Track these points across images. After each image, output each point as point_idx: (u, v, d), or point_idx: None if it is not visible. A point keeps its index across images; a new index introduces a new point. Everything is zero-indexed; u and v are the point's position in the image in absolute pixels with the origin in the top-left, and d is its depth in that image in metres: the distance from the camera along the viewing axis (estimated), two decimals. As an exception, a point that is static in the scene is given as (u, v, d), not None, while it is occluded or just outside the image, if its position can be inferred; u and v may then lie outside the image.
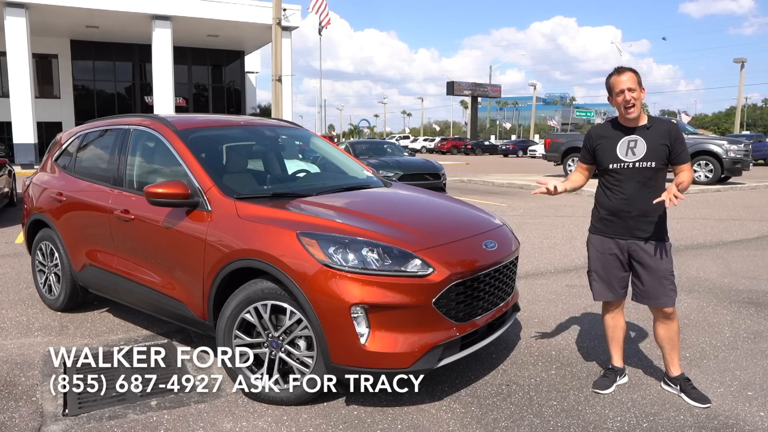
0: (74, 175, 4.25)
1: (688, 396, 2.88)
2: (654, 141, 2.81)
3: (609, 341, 3.14)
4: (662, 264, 2.85)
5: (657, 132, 2.83)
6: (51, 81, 30.03)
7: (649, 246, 2.86)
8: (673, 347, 2.96)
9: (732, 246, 7.09)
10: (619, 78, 2.80)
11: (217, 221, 3.04)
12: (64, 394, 2.97)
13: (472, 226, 3.23)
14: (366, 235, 2.75)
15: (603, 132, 2.96)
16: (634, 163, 2.82)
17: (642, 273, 2.89)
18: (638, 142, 2.82)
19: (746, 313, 4.38)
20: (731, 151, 14.56)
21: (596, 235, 3.01)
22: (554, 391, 3.03)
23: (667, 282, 2.85)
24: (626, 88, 2.77)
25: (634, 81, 2.78)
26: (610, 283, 2.98)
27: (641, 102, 2.82)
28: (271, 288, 2.78)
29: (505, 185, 15.60)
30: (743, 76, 42.88)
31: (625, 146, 2.85)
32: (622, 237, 2.91)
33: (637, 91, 2.79)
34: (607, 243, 2.96)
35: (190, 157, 3.32)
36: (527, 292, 4.91)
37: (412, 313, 2.62)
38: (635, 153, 2.82)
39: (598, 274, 3.01)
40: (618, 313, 3.09)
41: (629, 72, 2.80)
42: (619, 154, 2.85)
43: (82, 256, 4.01)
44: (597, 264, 3.00)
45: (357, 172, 4.19)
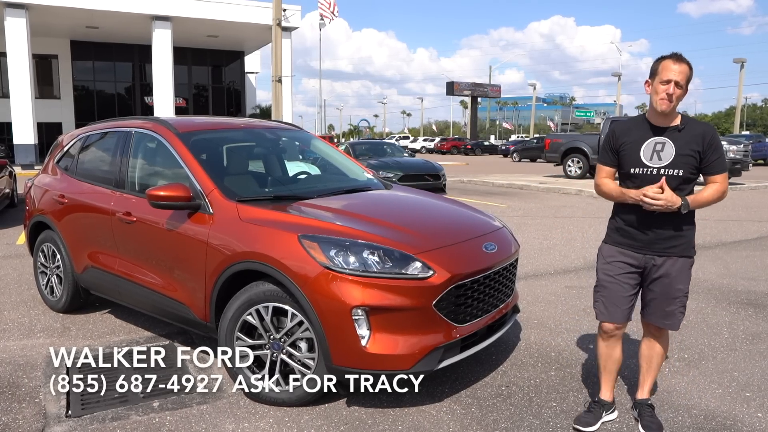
0: (76, 177, 4.27)
1: (641, 420, 2.66)
2: (684, 146, 2.43)
3: (600, 371, 2.78)
4: (677, 283, 2.53)
5: (689, 135, 2.44)
6: (51, 81, 30.04)
7: (670, 263, 2.51)
8: (649, 368, 2.72)
9: (731, 247, 7.12)
10: (673, 65, 2.36)
11: (218, 224, 3.06)
12: (67, 396, 2.99)
13: (472, 229, 3.25)
14: (367, 238, 2.77)
15: (628, 129, 2.55)
16: (658, 170, 2.44)
17: (656, 291, 2.57)
18: (666, 145, 2.44)
19: (745, 314, 4.41)
20: (730, 152, 14.59)
21: (611, 246, 2.64)
22: (554, 392, 3.05)
23: (680, 303, 2.56)
24: (675, 80, 2.35)
25: (685, 76, 2.37)
26: (616, 300, 2.59)
27: (679, 101, 2.43)
28: (273, 290, 2.80)
29: (505, 186, 15.61)
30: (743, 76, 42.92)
31: (651, 149, 2.46)
32: (641, 251, 2.55)
33: (683, 90, 2.39)
34: (620, 255, 2.59)
35: (191, 159, 3.34)
36: (527, 293, 4.93)
37: (413, 315, 2.64)
38: (661, 158, 2.44)
39: (604, 287, 2.63)
40: (615, 343, 2.69)
41: (686, 65, 2.38)
42: (643, 158, 2.47)
43: (84, 257, 4.03)
44: (604, 276, 2.63)
45: (357, 174, 4.21)
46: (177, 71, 26.71)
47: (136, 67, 31.42)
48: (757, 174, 19.10)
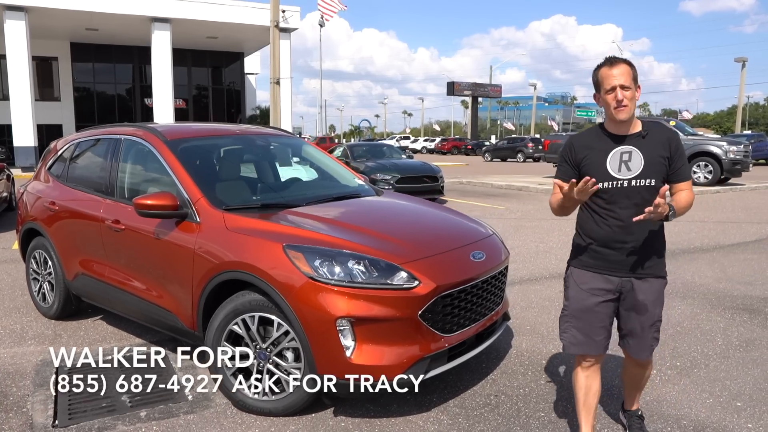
0: (67, 184, 4.27)
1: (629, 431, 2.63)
2: (652, 152, 2.26)
3: (578, 406, 2.48)
4: (656, 308, 2.37)
5: (655, 141, 2.28)
6: (51, 83, 30.09)
7: (646, 285, 2.34)
8: (635, 388, 2.61)
9: (729, 250, 7.08)
10: (610, 71, 2.21)
11: (205, 233, 3.05)
12: (55, 405, 2.99)
13: (459, 237, 3.23)
14: (352, 248, 2.76)
15: (588, 141, 2.36)
16: (629, 181, 2.26)
17: (632, 317, 2.38)
18: (633, 154, 2.26)
19: (740, 319, 4.38)
20: (731, 152, 14.53)
21: (580, 270, 2.41)
22: (542, 401, 3.03)
23: (654, 330, 2.40)
24: (618, 85, 2.19)
25: (628, 76, 2.20)
26: (590, 331, 2.36)
27: (635, 102, 2.25)
28: (259, 300, 2.79)
29: (504, 187, 15.59)
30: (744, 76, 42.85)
31: (618, 159, 2.27)
32: (615, 273, 2.34)
33: (632, 90, 2.21)
34: (596, 280, 2.36)
35: (179, 167, 3.33)
36: (521, 298, 4.91)
37: (398, 325, 2.62)
38: (630, 168, 2.26)
39: (576, 318, 2.38)
40: (594, 374, 2.45)
41: (623, 64, 2.22)
42: (611, 170, 2.27)
43: (75, 265, 4.03)
44: (577, 306, 2.39)
45: (348, 180, 4.20)
46: (177, 72, 26.73)
47: (136, 68, 31.46)
48: (757, 174, 19.02)
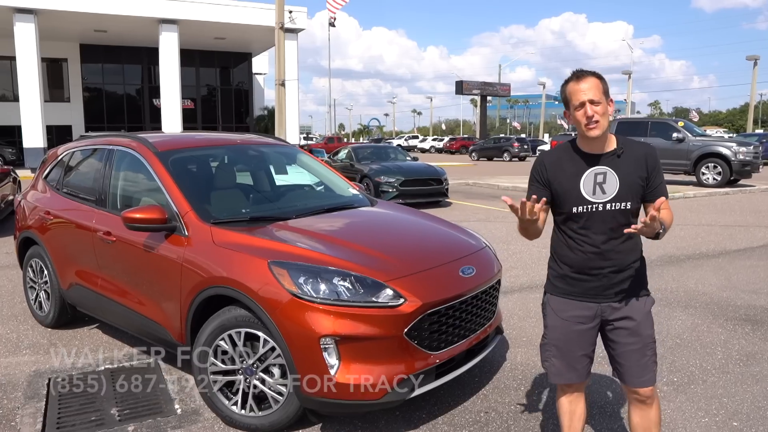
0: (61, 193, 4.28)
1: None
2: (628, 173, 2.12)
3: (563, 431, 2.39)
4: (645, 329, 2.20)
5: (630, 160, 2.13)
6: (61, 84, 30.38)
7: (629, 307, 2.19)
8: None
9: (735, 255, 6.95)
10: (577, 86, 2.07)
11: (193, 246, 3.03)
12: (44, 419, 2.98)
13: (449, 252, 3.17)
14: (338, 264, 2.72)
15: (560, 161, 2.20)
16: (604, 204, 2.11)
17: (621, 342, 2.21)
18: (608, 175, 2.11)
19: (741, 331, 4.29)
20: (740, 153, 14.31)
21: (557, 297, 2.27)
22: (533, 419, 2.98)
23: (650, 352, 2.20)
24: (587, 100, 2.05)
25: (598, 90, 2.06)
26: (573, 360, 2.25)
27: (608, 118, 2.12)
28: (245, 316, 2.76)
29: (510, 189, 15.47)
30: (756, 74, 42.25)
31: (592, 181, 2.12)
32: (593, 299, 2.20)
33: (603, 104, 2.07)
34: (573, 307, 2.23)
35: (168, 180, 3.32)
36: (519, 307, 4.85)
37: (384, 344, 2.58)
38: (605, 191, 2.11)
39: (557, 347, 2.26)
40: (578, 398, 2.35)
41: (591, 78, 2.08)
42: (585, 193, 2.12)
43: (70, 274, 4.03)
44: (556, 334, 2.26)
45: (342, 189, 4.16)
46: (185, 73, 26.86)
47: (144, 69, 31.67)
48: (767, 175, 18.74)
